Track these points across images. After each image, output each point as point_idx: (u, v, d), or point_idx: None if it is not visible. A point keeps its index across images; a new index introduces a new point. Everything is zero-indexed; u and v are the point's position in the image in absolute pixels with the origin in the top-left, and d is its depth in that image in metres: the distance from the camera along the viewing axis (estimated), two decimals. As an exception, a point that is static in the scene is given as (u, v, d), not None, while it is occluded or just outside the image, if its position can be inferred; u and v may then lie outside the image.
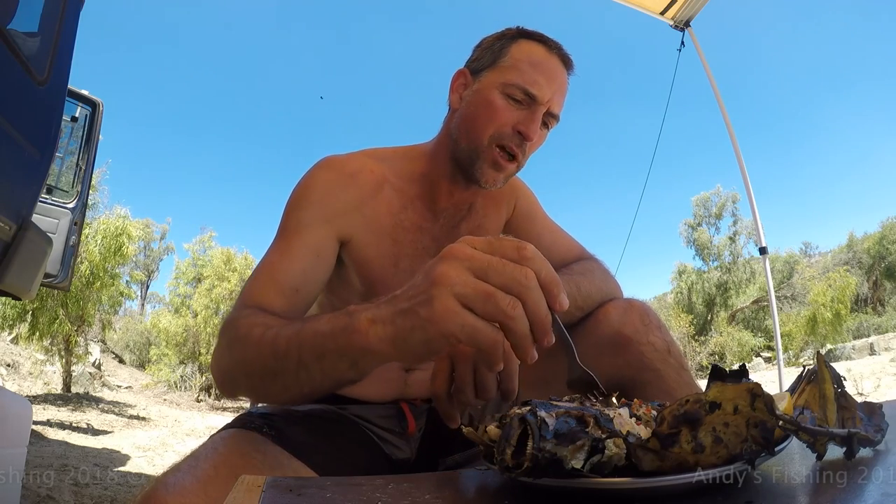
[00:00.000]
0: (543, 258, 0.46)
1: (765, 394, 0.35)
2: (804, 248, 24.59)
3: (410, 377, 0.93)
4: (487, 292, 0.43)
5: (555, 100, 0.84)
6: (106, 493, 2.44)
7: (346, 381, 0.56)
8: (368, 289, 0.87)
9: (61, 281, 3.01)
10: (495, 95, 0.84)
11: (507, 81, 0.83)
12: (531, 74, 0.83)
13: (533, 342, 0.44)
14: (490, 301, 0.43)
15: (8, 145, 1.57)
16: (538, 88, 0.82)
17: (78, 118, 3.35)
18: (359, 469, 0.78)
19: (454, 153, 0.87)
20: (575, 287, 0.79)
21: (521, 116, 0.83)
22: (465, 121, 0.86)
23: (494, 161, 0.83)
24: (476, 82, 0.87)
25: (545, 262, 0.46)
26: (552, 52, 0.86)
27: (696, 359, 13.75)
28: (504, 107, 0.83)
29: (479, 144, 0.84)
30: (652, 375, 0.76)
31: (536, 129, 0.83)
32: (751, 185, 3.24)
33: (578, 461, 0.35)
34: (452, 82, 0.91)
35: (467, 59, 0.92)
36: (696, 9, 3.22)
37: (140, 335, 13.97)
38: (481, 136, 0.83)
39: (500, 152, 0.83)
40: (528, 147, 0.85)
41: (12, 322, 6.38)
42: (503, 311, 0.43)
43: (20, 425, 1.71)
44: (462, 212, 0.93)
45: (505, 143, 0.83)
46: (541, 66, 0.84)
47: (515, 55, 0.85)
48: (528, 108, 0.83)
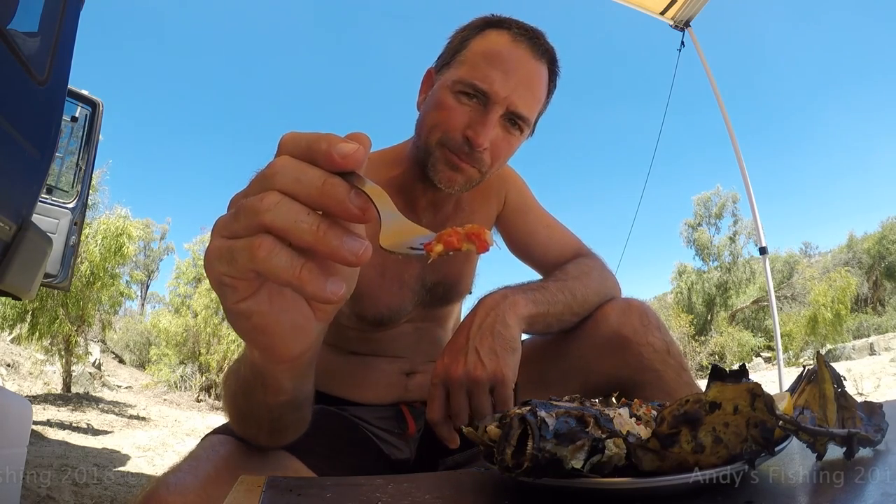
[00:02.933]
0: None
1: (765, 394, 0.35)
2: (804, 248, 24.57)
3: (411, 381, 0.93)
4: (227, 249, 0.32)
5: (517, 96, 0.73)
6: (106, 493, 2.44)
7: (282, 401, 0.50)
8: (356, 300, 0.85)
9: (61, 281, 3.01)
10: (446, 95, 0.75)
11: (459, 78, 0.74)
12: (484, 69, 0.73)
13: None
14: (235, 257, 0.31)
15: (8, 145, 1.57)
16: (490, 84, 0.72)
17: (78, 118, 3.34)
18: (358, 469, 0.78)
19: (416, 156, 0.82)
20: (570, 294, 0.78)
21: (471, 119, 0.73)
22: (420, 122, 0.80)
23: (447, 160, 0.75)
24: (437, 80, 0.80)
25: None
26: (518, 41, 0.75)
27: (696, 359, 13.74)
28: (453, 107, 0.74)
29: (429, 146, 0.77)
30: (651, 376, 0.76)
31: (488, 132, 0.72)
32: (751, 185, 3.24)
33: (578, 461, 0.35)
34: (421, 82, 0.85)
35: (437, 57, 0.84)
36: (696, 9, 3.22)
37: (140, 335, 13.96)
38: (430, 139, 0.76)
39: (449, 154, 0.75)
40: (484, 156, 0.74)
41: (12, 322, 6.37)
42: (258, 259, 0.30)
43: (20, 425, 1.71)
44: (446, 210, 0.90)
45: (453, 150, 0.74)
46: (497, 58, 0.73)
47: (474, 48, 0.76)
48: (482, 107, 0.73)
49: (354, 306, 0.86)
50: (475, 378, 0.63)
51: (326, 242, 0.29)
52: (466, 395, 0.63)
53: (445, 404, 0.64)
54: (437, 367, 0.66)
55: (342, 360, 0.93)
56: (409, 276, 0.88)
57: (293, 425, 0.58)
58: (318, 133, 0.30)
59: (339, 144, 0.29)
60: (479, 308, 0.71)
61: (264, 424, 0.56)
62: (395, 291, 0.87)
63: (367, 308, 0.86)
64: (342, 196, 0.29)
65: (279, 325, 0.36)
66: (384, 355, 0.93)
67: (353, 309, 0.86)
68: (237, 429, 0.63)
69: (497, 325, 0.67)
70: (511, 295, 0.72)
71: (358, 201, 0.30)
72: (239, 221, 0.30)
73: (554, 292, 0.77)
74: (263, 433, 0.59)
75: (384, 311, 0.86)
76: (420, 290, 0.89)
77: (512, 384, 0.65)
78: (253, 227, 0.30)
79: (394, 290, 0.87)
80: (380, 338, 0.91)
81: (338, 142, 0.29)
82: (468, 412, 0.63)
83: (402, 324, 0.91)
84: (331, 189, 0.29)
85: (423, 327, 0.95)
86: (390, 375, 0.92)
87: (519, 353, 0.68)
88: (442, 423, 0.64)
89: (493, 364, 0.64)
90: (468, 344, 0.66)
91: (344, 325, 0.90)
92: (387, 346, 0.92)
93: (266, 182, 0.30)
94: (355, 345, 0.93)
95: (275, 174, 0.30)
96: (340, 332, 0.91)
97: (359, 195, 0.30)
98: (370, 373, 0.92)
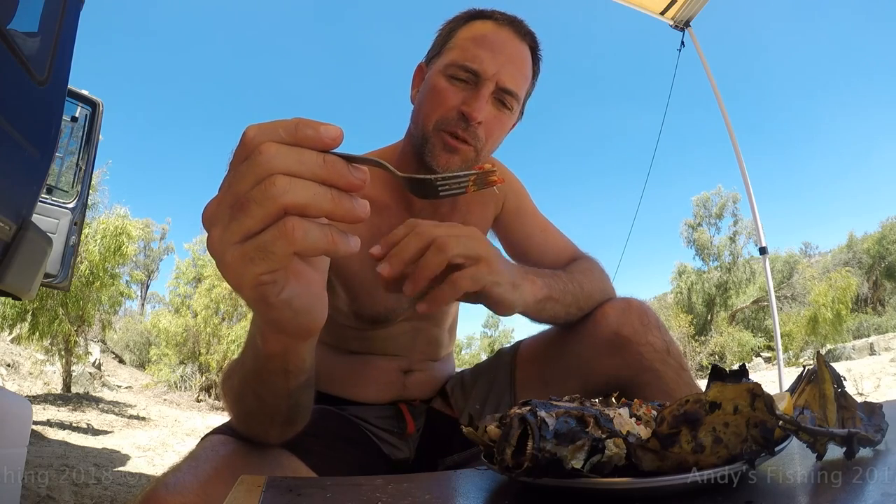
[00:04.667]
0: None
1: (765, 394, 0.35)
2: (804, 248, 24.61)
3: (409, 379, 0.93)
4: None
5: (505, 73, 0.78)
6: (106, 493, 2.44)
7: (302, 381, 0.52)
8: (353, 300, 0.86)
9: (61, 281, 3.01)
10: (439, 79, 0.80)
11: (449, 62, 0.79)
12: (473, 50, 0.78)
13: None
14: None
15: (8, 145, 1.57)
16: (480, 63, 0.77)
17: (78, 118, 3.34)
18: (358, 469, 0.78)
19: (413, 147, 0.83)
20: (578, 287, 0.78)
21: (465, 96, 0.78)
22: (416, 112, 0.84)
23: (444, 143, 0.78)
24: (428, 72, 0.84)
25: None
26: (501, 25, 0.81)
27: (696, 359, 13.75)
28: (446, 88, 0.79)
29: (426, 132, 0.79)
30: (651, 376, 0.75)
31: (482, 106, 0.77)
32: (751, 185, 3.23)
33: (578, 461, 0.35)
34: (413, 78, 0.89)
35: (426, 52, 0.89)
36: (696, 9, 3.21)
37: (140, 335, 13.96)
38: (427, 124, 0.79)
39: (448, 136, 0.78)
40: (479, 131, 0.78)
41: (12, 322, 6.37)
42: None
43: (20, 425, 1.71)
44: (444, 209, 0.90)
45: (450, 129, 0.77)
46: (484, 40, 0.79)
47: (461, 36, 0.82)
48: (473, 86, 0.78)
49: (352, 304, 0.86)
50: (450, 233, 0.57)
51: (342, 206, 0.33)
52: (423, 246, 0.56)
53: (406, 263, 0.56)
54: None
55: (340, 359, 0.93)
56: None
57: (305, 409, 0.59)
58: (287, 120, 0.33)
59: (324, 128, 0.33)
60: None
61: (278, 416, 0.57)
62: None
63: (364, 306, 0.86)
64: (344, 169, 0.33)
65: (311, 300, 0.39)
66: (382, 354, 0.93)
67: (350, 307, 0.86)
68: (244, 429, 0.63)
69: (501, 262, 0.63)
70: (530, 273, 0.71)
71: (357, 172, 0.34)
72: (252, 215, 0.32)
73: (565, 282, 0.76)
74: (276, 426, 0.59)
75: (381, 309, 0.86)
76: None
77: (488, 270, 0.59)
78: (273, 213, 0.31)
79: None
80: (377, 336, 0.92)
81: (320, 126, 0.33)
82: (414, 258, 0.56)
83: (399, 322, 0.91)
84: (333, 165, 0.33)
85: (419, 326, 0.95)
86: (388, 374, 0.92)
87: (501, 275, 0.62)
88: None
89: (476, 244, 0.59)
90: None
91: (342, 323, 0.90)
92: (384, 344, 0.92)
93: (261, 169, 0.31)
94: (353, 344, 0.93)
95: (271, 159, 0.31)
96: (338, 332, 0.91)
97: (355, 167, 0.34)
98: (368, 372, 0.92)
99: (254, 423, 0.60)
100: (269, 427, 0.60)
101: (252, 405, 0.56)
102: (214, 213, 0.34)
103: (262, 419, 0.58)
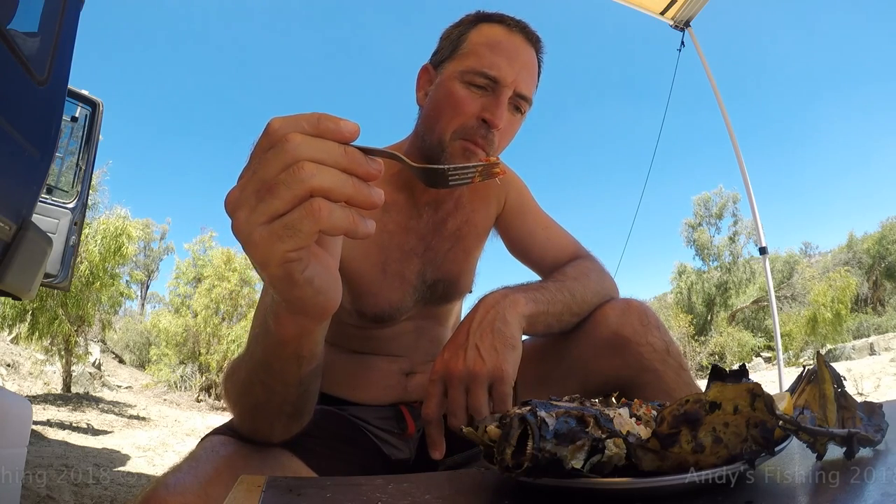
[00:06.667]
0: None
1: (765, 394, 0.35)
2: (804, 248, 24.59)
3: (410, 381, 0.93)
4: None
5: (521, 79, 0.79)
6: (106, 493, 2.44)
7: (313, 367, 0.54)
8: (357, 296, 0.86)
9: (61, 281, 3.00)
10: (456, 86, 0.79)
11: (466, 68, 0.79)
12: (490, 57, 0.78)
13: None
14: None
15: (8, 145, 1.57)
16: (498, 70, 0.78)
17: (78, 118, 3.34)
18: (358, 469, 0.78)
19: (422, 150, 0.84)
20: (569, 294, 0.78)
21: (485, 103, 0.78)
22: (429, 117, 0.83)
23: (464, 149, 0.79)
24: (438, 76, 0.84)
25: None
26: (513, 30, 0.81)
27: (696, 359, 13.74)
28: (466, 96, 0.79)
29: (443, 140, 0.80)
30: (651, 376, 0.75)
31: (503, 113, 0.78)
32: (751, 185, 3.24)
33: (578, 461, 0.35)
34: (417, 79, 0.88)
35: (431, 53, 0.88)
36: (696, 9, 3.22)
37: (140, 335, 13.96)
38: (445, 132, 0.79)
39: (465, 143, 0.79)
40: (496, 137, 0.80)
41: (12, 322, 6.38)
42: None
43: (20, 425, 1.71)
44: (448, 206, 0.91)
45: (470, 136, 0.78)
46: (500, 47, 0.79)
47: (474, 40, 0.81)
48: (492, 93, 0.79)
49: (355, 302, 0.86)
50: (475, 373, 0.63)
51: (361, 191, 0.36)
52: (464, 393, 0.63)
53: (442, 402, 0.64)
54: (437, 364, 0.66)
55: (343, 359, 0.93)
56: (410, 273, 0.88)
57: (312, 399, 0.60)
58: (309, 114, 0.37)
59: (343, 122, 0.36)
60: (480, 306, 0.71)
61: (287, 405, 0.57)
62: (396, 287, 0.87)
63: (367, 304, 0.86)
64: (363, 159, 0.37)
65: (329, 280, 0.42)
66: (384, 354, 0.93)
67: (354, 305, 0.86)
68: (248, 426, 0.63)
69: (497, 323, 0.67)
70: (511, 294, 0.72)
71: (373, 163, 0.37)
72: (281, 197, 0.35)
73: (553, 292, 0.77)
74: (283, 418, 0.59)
75: (385, 307, 0.86)
76: (420, 287, 0.90)
77: (512, 381, 0.64)
78: (301, 195, 0.35)
79: (395, 287, 0.87)
80: (380, 336, 0.92)
81: (339, 120, 0.36)
82: (465, 411, 0.63)
83: (402, 321, 0.91)
84: (353, 155, 0.36)
85: (423, 325, 0.95)
86: (390, 376, 0.92)
87: (519, 350, 0.67)
88: (435, 423, 0.64)
89: (493, 360, 0.64)
90: (468, 340, 0.66)
91: (345, 322, 0.90)
92: (387, 344, 0.92)
93: (289, 155, 0.35)
94: (356, 343, 0.93)
95: (297, 147, 0.35)
96: (341, 330, 0.91)
97: (372, 159, 0.38)
98: (370, 373, 0.92)
99: (260, 416, 0.60)
100: (275, 420, 0.60)
101: (261, 397, 0.56)
102: (239, 198, 0.36)
103: (270, 411, 0.58)
